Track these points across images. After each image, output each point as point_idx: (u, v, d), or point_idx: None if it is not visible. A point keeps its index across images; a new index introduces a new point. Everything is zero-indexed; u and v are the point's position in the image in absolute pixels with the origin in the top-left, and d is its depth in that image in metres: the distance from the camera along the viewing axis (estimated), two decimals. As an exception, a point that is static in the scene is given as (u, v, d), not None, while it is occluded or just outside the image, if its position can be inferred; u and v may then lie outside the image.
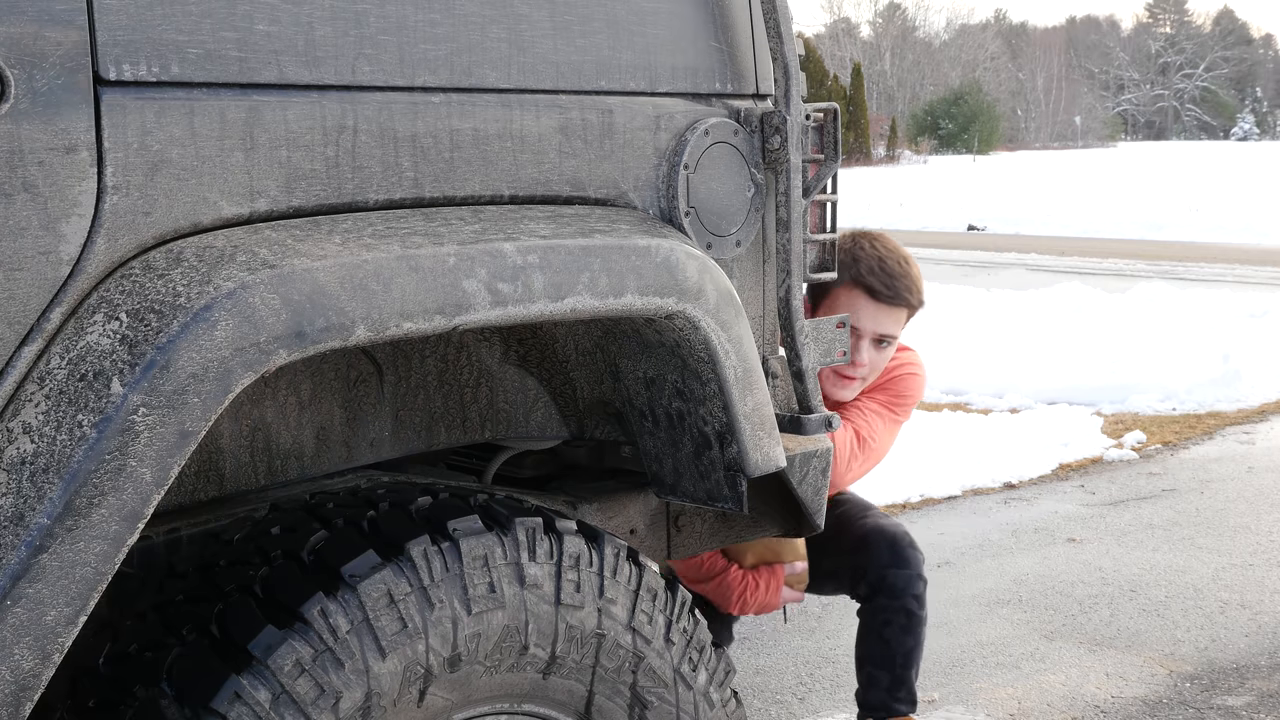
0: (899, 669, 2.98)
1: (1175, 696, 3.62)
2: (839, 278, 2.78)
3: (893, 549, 2.97)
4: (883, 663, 2.99)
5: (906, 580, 2.96)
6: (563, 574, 1.68)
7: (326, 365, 1.88)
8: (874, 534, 3.00)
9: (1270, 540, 5.00)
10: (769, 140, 1.96)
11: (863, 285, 2.79)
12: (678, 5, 1.89)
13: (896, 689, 2.99)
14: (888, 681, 2.99)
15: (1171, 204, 22.68)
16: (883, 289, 2.79)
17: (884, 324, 2.82)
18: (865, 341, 2.82)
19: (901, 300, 2.82)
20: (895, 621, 2.96)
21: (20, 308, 1.34)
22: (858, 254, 2.82)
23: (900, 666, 2.98)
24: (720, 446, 1.90)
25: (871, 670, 3.01)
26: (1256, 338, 8.66)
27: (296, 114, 1.53)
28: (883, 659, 2.99)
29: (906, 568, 2.96)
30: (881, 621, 2.97)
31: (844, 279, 2.78)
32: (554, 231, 1.68)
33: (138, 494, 1.33)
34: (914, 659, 3.00)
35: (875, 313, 2.80)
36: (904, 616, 2.96)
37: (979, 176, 38.01)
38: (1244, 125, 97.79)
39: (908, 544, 3.00)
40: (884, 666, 2.99)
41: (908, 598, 2.96)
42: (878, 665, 3.00)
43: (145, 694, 1.49)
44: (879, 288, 2.79)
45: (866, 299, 2.80)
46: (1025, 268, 15.13)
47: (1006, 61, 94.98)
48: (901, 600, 2.95)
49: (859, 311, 2.79)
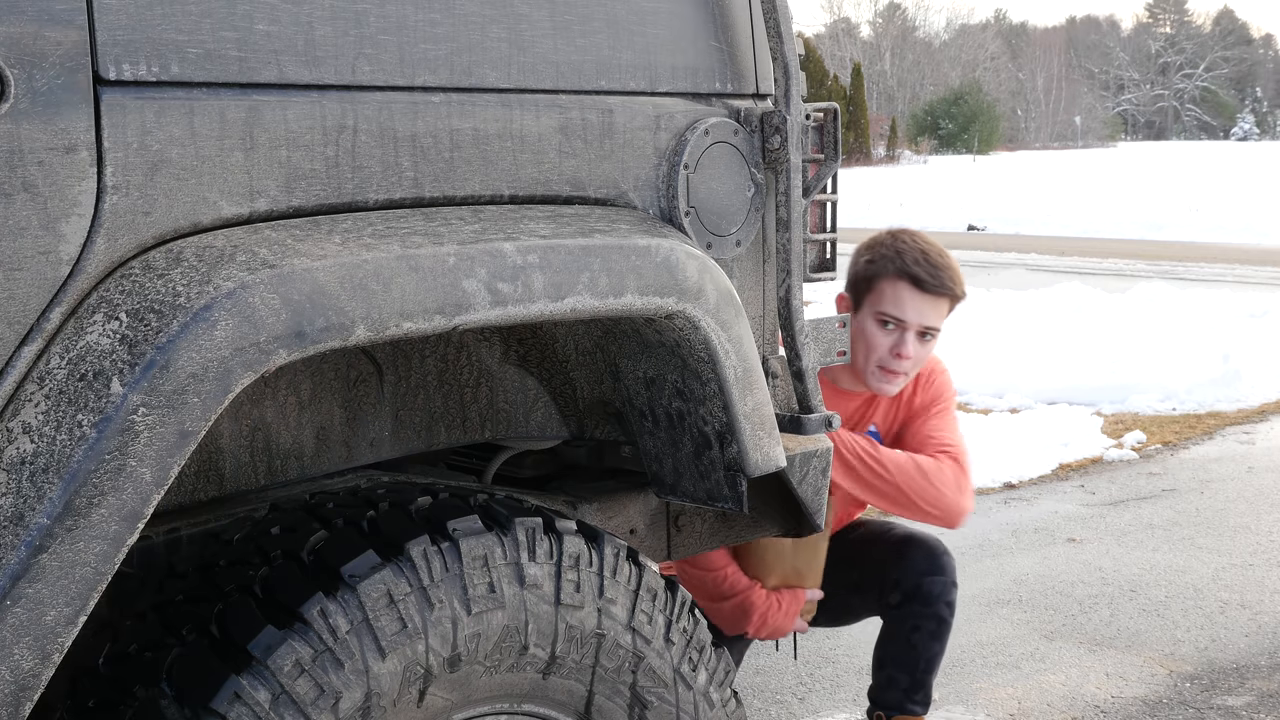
0: (920, 673, 2.98)
1: (1175, 696, 3.62)
2: (883, 270, 2.80)
3: (930, 556, 2.98)
4: (905, 666, 2.99)
5: (942, 587, 2.96)
6: (563, 574, 1.68)
7: (326, 365, 1.88)
8: (911, 542, 3.01)
9: (1270, 540, 5.00)
10: (769, 140, 1.96)
11: (908, 276, 2.79)
12: (678, 5, 1.89)
13: (914, 691, 3.00)
14: (907, 683, 2.99)
15: (1171, 204, 22.68)
16: (928, 278, 2.79)
17: (928, 315, 2.82)
18: (910, 334, 2.81)
19: (946, 290, 2.82)
20: (925, 627, 2.96)
21: (20, 308, 1.33)
22: (900, 246, 2.82)
23: (922, 671, 2.98)
24: (720, 446, 1.90)
25: (893, 672, 3.01)
26: (1256, 338, 8.66)
27: (296, 114, 1.53)
28: (906, 662, 2.99)
29: (943, 574, 2.96)
30: (911, 627, 2.97)
31: (888, 271, 2.80)
32: (554, 231, 1.67)
33: (138, 494, 1.32)
34: (935, 664, 3.00)
35: (920, 304, 2.80)
36: (935, 623, 2.96)
37: (979, 176, 38.01)
38: (1244, 125, 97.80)
39: (943, 551, 3.00)
40: (906, 669, 2.99)
41: (941, 604, 2.96)
42: (900, 668, 3.00)
43: (145, 694, 1.49)
44: (924, 277, 2.79)
45: (911, 289, 2.79)
46: (1025, 268, 15.13)
47: (1006, 61, 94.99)
48: (934, 607, 2.95)
49: (903, 303, 2.79)
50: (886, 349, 2.81)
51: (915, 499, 2.83)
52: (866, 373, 2.85)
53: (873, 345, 2.82)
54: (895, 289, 2.80)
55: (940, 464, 2.87)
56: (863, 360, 2.83)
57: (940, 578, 2.96)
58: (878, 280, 2.81)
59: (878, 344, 2.81)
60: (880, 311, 2.81)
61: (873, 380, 2.86)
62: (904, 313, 2.80)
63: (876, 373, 2.84)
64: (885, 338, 2.81)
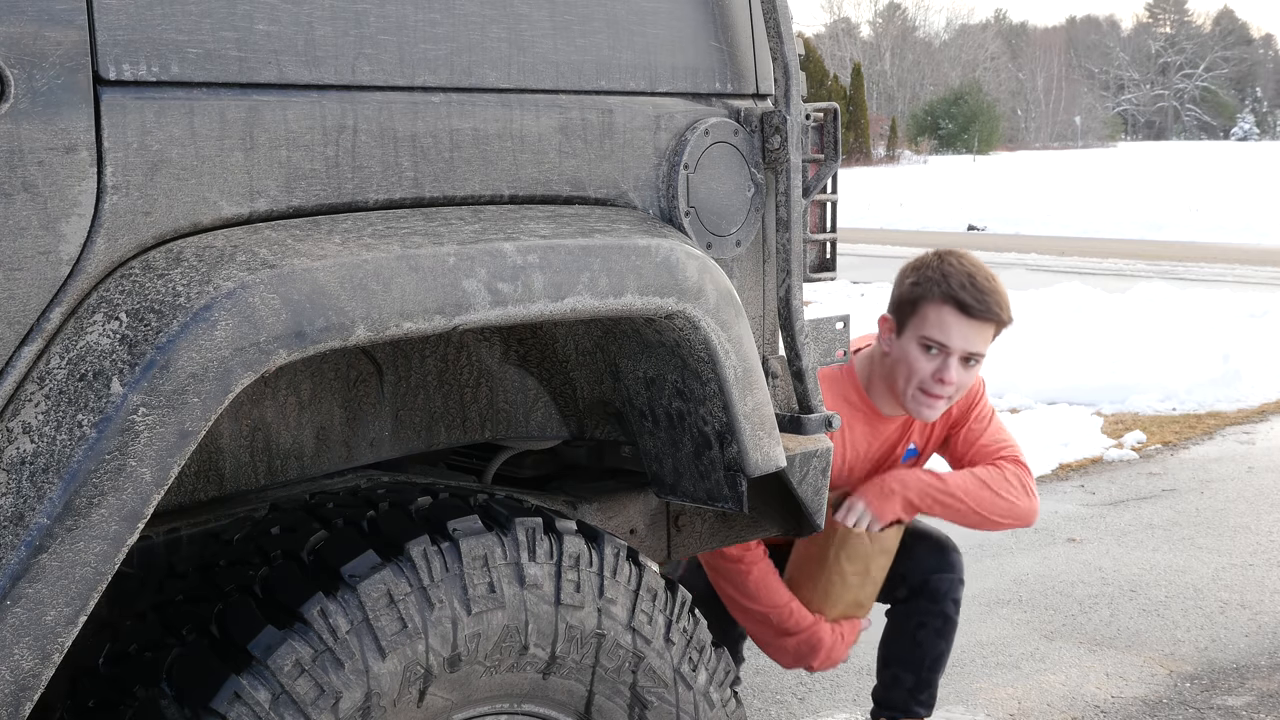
0: (926, 672, 2.96)
1: (1175, 696, 3.62)
2: (928, 293, 2.73)
3: (939, 553, 2.96)
4: (910, 664, 2.97)
5: (950, 585, 2.94)
6: (563, 574, 1.68)
7: (326, 365, 1.88)
8: (919, 537, 2.99)
9: (1270, 540, 5.00)
10: (769, 140, 1.96)
11: (954, 300, 2.72)
12: (678, 5, 1.89)
13: (919, 691, 2.98)
14: (912, 683, 2.97)
15: (1171, 204, 22.68)
16: (975, 303, 2.72)
17: (974, 341, 2.75)
18: (954, 359, 2.74)
19: (993, 315, 2.75)
20: (930, 625, 2.94)
21: (20, 308, 1.33)
22: (946, 270, 2.74)
23: (928, 670, 2.96)
24: (720, 446, 1.90)
25: (898, 671, 2.99)
26: (1256, 338, 8.67)
27: (296, 114, 1.53)
28: (911, 661, 2.97)
29: (951, 571, 2.94)
30: (916, 624, 2.95)
31: (934, 295, 2.73)
32: (554, 231, 1.67)
33: (138, 494, 1.32)
34: (941, 663, 2.98)
35: (966, 330, 2.73)
36: (940, 620, 2.94)
37: (979, 176, 38.01)
38: (1244, 125, 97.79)
39: (952, 548, 2.99)
40: (911, 668, 2.97)
41: (948, 602, 2.94)
42: (905, 667, 2.98)
43: (145, 694, 1.49)
44: (971, 302, 2.72)
45: (957, 315, 2.72)
46: (1025, 268, 15.13)
47: (1006, 61, 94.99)
48: (941, 604, 2.94)
49: (948, 328, 2.72)
50: (929, 373, 2.74)
51: (991, 516, 2.85)
52: (906, 396, 2.78)
53: (914, 369, 2.75)
54: (940, 314, 2.73)
55: (1002, 471, 2.86)
56: (903, 383, 2.78)
57: (949, 574, 2.94)
58: (922, 304, 2.74)
59: (920, 368, 2.75)
60: (924, 336, 2.74)
61: (912, 404, 2.79)
62: (949, 338, 2.72)
63: (918, 396, 2.77)
64: (928, 362, 2.74)
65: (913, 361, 2.76)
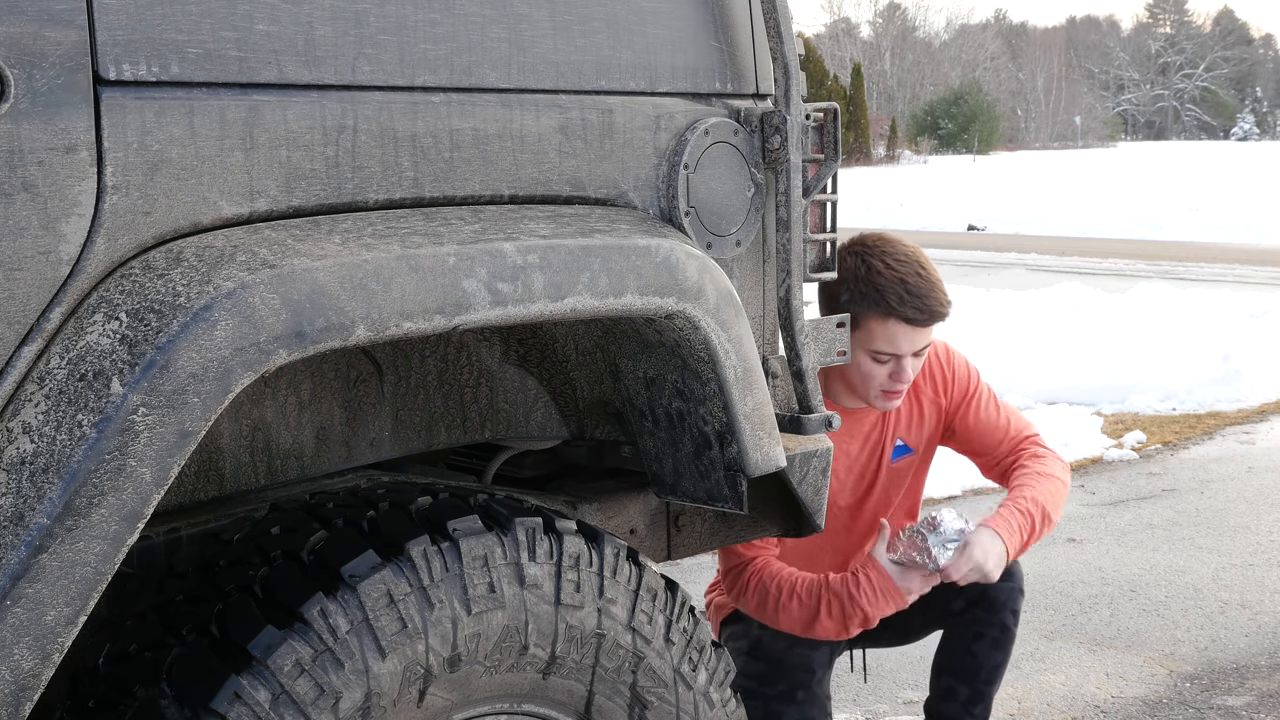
0: (981, 684, 2.87)
1: (1175, 696, 3.62)
2: (868, 310, 2.62)
3: None
4: (966, 676, 2.88)
5: (1009, 594, 2.84)
6: (563, 574, 1.68)
7: (326, 365, 1.88)
8: None
9: (1270, 540, 5.00)
10: (769, 140, 1.96)
11: (897, 315, 2.62)
12: (678, 5, 1.89)
13: (974, 704, 2.88)
14: (967, 695, 2.88)
15: (1171, 204, 22.67)
16: (918, 314, 2.63)
17: (922, 339, 2.69)
18: (906, 359, 2.68)
19: (937, 316, 2.67)
20: (988, 635, 2.85)
21: (20, 308, 1.33)
22: (878, 281, 2.61)
23: (984, 682, 2.87)
24: (720, 446, 1.90)
25: (952, 681, 2.89)
26: (1256, 338, 8.67)
27: (296, 114, 1.53)
28: (967, 672, 2.87)
29: (1010, 580, 2.83)
30: (973, 634, 2.86)
31: (874, 311, 2.62)
32: (554, 231, 1.68)
33: (138, 494, 1.33)
34: (998, 676, 2.88)
35: (913, 335, 2.66)
36: (998, 630, 2.85)
37: (979, 176, 38.00)
38: (1244, 125, 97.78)
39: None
40: (966, 680, 2.87)
41: (1006, 612, 2.85)
42: (959, 678, 2.89)
43: (145, 694, 1.49)
44: (914, 315, 2.63)
45: (903, 326, 2.64)
46: (1025, 268, 15.13)
47: (1006, 61, 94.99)
48: (999, 614, 2.84)
49: (897, 340, 2.64)
50: (885, 376, 2.69)
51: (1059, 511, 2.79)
52: (869, 399, 2.74)
53: (870, 376, 2.69)
54: (885, 328, 2.64)
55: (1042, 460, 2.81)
56: (861, 389, 2.73)
57: (1007, 583, 2.82)
58: (863, 319, 2.63)
59: (874, 374, 2.69)
60: (874, 350, 2.66)
61: (877, 403, 2.75)
62: (898, 348, 2.66)
63: (881, 397, 2.73)
64: (883, 368, 2.68)
65: (866, 371, 2.69)
